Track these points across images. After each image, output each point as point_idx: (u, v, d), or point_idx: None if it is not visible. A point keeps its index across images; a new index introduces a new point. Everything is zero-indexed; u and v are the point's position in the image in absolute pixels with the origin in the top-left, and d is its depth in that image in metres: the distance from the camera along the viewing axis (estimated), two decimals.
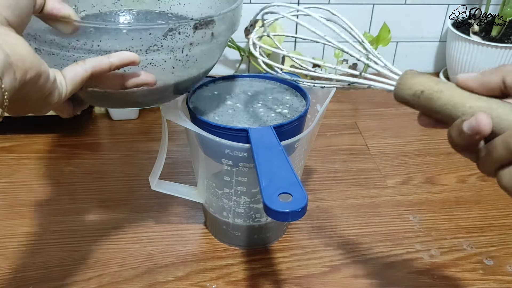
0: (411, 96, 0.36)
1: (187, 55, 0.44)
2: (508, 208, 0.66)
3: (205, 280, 0.54)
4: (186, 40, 0.42)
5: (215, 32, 0.45)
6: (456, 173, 0.72)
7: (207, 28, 0.44)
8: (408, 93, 0.36)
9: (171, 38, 0.41)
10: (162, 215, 0.63)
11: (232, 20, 0.49)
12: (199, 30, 0.43)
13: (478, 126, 0.32)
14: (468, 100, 0.34)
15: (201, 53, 0.45)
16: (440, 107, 0.35)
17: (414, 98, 0.36)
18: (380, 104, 0.91)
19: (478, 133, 0.32)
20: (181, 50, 0.43)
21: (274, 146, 0.45)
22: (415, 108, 0.37)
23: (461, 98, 0.34)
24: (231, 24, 0.49)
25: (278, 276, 0.55)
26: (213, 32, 0.45)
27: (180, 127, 0.50)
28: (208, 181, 0.54)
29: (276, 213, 0.38)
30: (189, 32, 0.42)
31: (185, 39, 0.42)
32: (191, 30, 0.42)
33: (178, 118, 0.50)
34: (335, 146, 0.79)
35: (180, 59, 0.44)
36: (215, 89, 0.56)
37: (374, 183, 0.70)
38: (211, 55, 0.49)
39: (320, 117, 0.53)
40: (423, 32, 1.00)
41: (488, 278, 0.55)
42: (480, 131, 0.32)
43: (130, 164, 0.72)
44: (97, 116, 0.84)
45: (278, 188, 0.39)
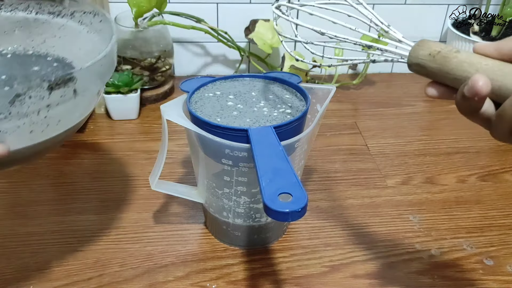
0: (427, 56, 0.36)
1: (45, 117, 0.39)
2: (508, 208, 0.66)
3: (205, 280, 0.54)
4: (41, 103, 0.38)
5: (79, 88, 0.40)
6: (456, 173, 0.73)
7: (67, 87, 0.39)
8: (424, 54, 0.37)
9: (20, 104, 0.36)
10: (162, 215, 0.63)
11: (101, 70, 0.44)
12: (56, 90, 0.38)
13: (475, 87, 0.32)
14: (483, 60, 0.34)
15: (65, 112, 0.41)
16: (456, 65, 0.35)
17: (430, 58, 0.36)
18: (380, 104, 0.91)
19: (476, 95, 0.32)
20: (36, 113, 0.38)
21: (274, 146, 0.45)
22: (427, 71, 0.37)
23: (478, 58, 0.34)
24: (102, 74, 0.44)
25: (278, 276, 0.55)
26: (76, 88, 0.40)
27: (180, 127, 0.50)
28: (208, 181, 0.54)
29: (276, 213, 0.38)
30: (43, 94, 0.37)
31: (40, 102, 0.37)
32: (46, 91, 0.37)
33: (178, 118, 0.50)
34: (335, 146, 0.79)
35: (38, 122, 0.39)
36: (215, 89, 0.56)
37: (374, 183, 0.70)
38: (81, 109, 0.44)
39: (320, 117, 0.53)
40: (423, 32, 1.00)
41: (488, 278, 0.55)
42: (476, 92, 0.32)
43: (130, 164, 0.72)
44: (97, 116, 0.84)
45: (278, 188, 0.39)
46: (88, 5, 0.52)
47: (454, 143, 0.80)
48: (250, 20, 0.93)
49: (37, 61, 0.53)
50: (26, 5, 0.53)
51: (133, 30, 0.83)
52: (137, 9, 0.79)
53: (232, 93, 0.55)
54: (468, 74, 0.34)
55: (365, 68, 0.94)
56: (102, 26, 0.50)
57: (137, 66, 0.85)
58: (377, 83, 0.99)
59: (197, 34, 0.88)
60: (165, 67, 0.88)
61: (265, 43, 0.89)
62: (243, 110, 0.52)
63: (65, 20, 0.53)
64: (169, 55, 0.88)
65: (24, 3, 0.53)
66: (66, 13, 0.53)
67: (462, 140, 0.81)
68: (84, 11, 0.52)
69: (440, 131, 0.84)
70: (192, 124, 0.49)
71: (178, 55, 0.97)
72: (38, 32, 0.54)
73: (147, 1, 0.79)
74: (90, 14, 0.52)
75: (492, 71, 0.34)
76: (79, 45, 0.53)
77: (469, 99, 0.33)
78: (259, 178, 0.41)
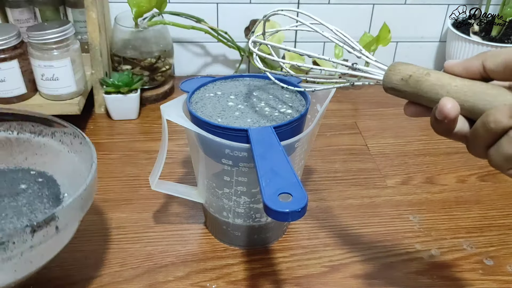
0: (399, 80, 0.37)
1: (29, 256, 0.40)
2: (507, 208, 0.66)
3: (205, 280, 0.54)
4: (24, 245, 0.39)
5: (61, 225, 0.42)
6: (456, 173, 0.73)
7: (49, 226, 0.40)
8: (397, 78, 0.37)
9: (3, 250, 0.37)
10: (162, 215, 0.63)
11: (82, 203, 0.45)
12: (39, 231, 0.39)
13: (443, 111, 0.33)
14: (453, 81, 0.35)
15: (47, 247, 0.42)
16: (428, 88, 0.36)
17: (403, 82, 0.37)
18: (380, 104, 0.91)
19: (445, 118, 0.33)
20: (19, 256, 0.39)
21: (274, 146, 0.45)
22: (403, 94, 0.38)
23: (448, 79, 0.35)
24: (82, 206, 0.45)
25: (278, 276, 0.55)
26: (58, 225, 0.41)
27: (180, 127, 0.50)
28: (208, 181, 0.54)
29: (276, 213, 0.38)
30: (27, 237, 0.39)
31: (23, 245, 0.39)
32: (29, 235, 0.39)
33: (178, 118, 0.50)
34: (335, 146, 0.79)
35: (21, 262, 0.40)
36: (215, 90, 0.56)
37: (374, 183, 0.70)
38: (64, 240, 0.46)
39: (320, 117, 0.53)
40: (423, 32, 1.00)
41: (488, 278, 0.55)
42: (445, 116, 0.33)
43: (130, 164, 0.72)
44: (97, 116, 0.84)
45: (278, 188, 0.39)
46: (69, 126, 0.53)
47: (454, 143, 0.80)
48: (250, 20, 0.93)
49: (23, 176, 0.55)
50: (8, 125, 0.55)
51: (133, 30, 0.83)
52: (137, 9, 0.79)
53: (233, 93, 0.55)
54: (440, 96, 0.35)
55: None
56: (82, 148, 0.52)
57: (137, 66, 0.85)
58: None
59: (197, 34, 0.88)
60: (165, 67, 0.88)
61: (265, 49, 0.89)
62: (243, 110, 0.52)
63: (46, 139, 0.55)
64: (169, 55, 0.88)
65: (6, 123, 0.55)
66: (47, 133, 0.55)
67: None
68: (64, 132, 0.54)
69: None
70: (192, 124, 0.49)
71: (178, 55, 0.97)
72: (19, 151, 0.56)
73: (147, 1, 0.79)
74: (71, 135, 0.53)
75: (462, 92, 0.34)
76: (60, 163, 0.55)
77: (441, 122, 0.34)
78: (259, 178, 0.41)
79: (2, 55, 0.71)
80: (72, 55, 0.74)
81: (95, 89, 0.83)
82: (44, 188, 0.55)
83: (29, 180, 0.55)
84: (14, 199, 0.53)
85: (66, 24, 0.73)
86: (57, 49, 0.72)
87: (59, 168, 0.56)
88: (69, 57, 0.74)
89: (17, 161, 0.57)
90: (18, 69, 0.73)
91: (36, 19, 0.86)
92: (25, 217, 0.51)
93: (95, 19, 0.78)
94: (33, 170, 0.56)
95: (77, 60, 0.76)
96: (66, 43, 0.73)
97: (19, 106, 0.75)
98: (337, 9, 0.95)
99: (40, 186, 0.55)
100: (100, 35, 0.79)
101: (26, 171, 0.57)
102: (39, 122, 0.55)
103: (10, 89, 0.74)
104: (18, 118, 0.55)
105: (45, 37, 0.71)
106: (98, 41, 0.79)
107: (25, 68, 0.74)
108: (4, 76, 0.72)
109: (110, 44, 0.86)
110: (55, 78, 0.74)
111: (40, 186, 0.55)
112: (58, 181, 0.55)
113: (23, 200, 0.53)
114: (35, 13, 0.86)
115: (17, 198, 0.53)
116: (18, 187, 0.55)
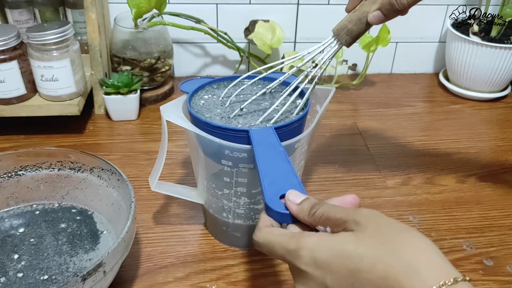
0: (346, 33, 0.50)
1: None
2: (508, 208, 0.66)
3: (205, 281, 0.54)
4: None
5: (107, 268, 0.44)
6: (456, 174, 0.72)
7: (97, 272, 0.43)
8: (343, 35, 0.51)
9: None
10: (162, 216, 0.63)
11: (125, 244, 0.47)
12: (89, 278, 0.42)
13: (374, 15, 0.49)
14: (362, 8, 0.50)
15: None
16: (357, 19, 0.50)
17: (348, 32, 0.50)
18: (380, 104, 0.91)
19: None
20: None
21: (275, 147, 0.45)
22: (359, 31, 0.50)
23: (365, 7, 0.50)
24: (125, 247, 0.48)
25: (278, 276, 0.55)
26: (105, 270, 0.44)
27: (180, 128, 0.50)
28: (208, 182, 0.54)
29: (277, 214, 0.38)
30: (78, 286, 0.41)
31: None
32: (80, 284, 0.41)
33: (178, 119, 0.50)
34: (335, 146, 0.79)
35: None
36: (214, 90, 0.56)
37: (374, 183, 0.70)
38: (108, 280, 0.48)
39: (320, 117, 0.53)
40: (422, 32, 1.00)
41: (488, 279, 0.55)
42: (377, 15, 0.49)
43: (130, 165, 0.72)
44: (97, 116, 0.84)
45: (280, 189, 0.39)
46: (106, 163, 0.55)
47: (454, 143, 0.80)
48: (250, 21, 0.93)
49: (63, 215, 0.59)
50: (49, 164, 0.59)
51: (132, 31, 0.83)
52: (136, 9, 0.79)
53: (232, 94, 0.55)
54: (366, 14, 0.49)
55: (365, 69, 0.94)
56: (120, 184, 0.55)
57: (137, 66, 0.85)
58: (377, 83, 0.99)
59: (196, 35, 0.88)
60: (164, 68, 0.88)
61: (265, 43, 0.89)
62: (243, 111, 0.52)
63: (85, 175, 0.59)
64: (168, 55, 0.88)
65: (46, 162, 0.59)
66: (85, 169, 0.58)
67: (462, 140, 0.81)
68: (102, 168, 0.57)
69: (440, 131, 0.84)
70: (192, 125, 0.49)
71: (178, 56, 0.97)
72: (61, 186, 0.60)
73: (146, 1, 0.79)
74: (108, 171, 0.56)
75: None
76: (100, 197, 0.58)
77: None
78: (260, 179, 0.41)
79: (1, 56, 0.71)
80: (71, 56, 0.74)
81: (94, 89, 0.83)
82: (82, 226, 0.58)
83: (68, 219, 0.59)
84: (55, 238, 0.56)
85: (66, 25, 0.73)
86: (57, 50, 0.72)
87: (99, 202, 0.59)
88: (69, 57, 0.74)
89: (60, 195, 0.60)
90: (17, 70, 0.73)
91: (36, 20, 0.86)
92: (67, 255, 0.54)
93: (94, 19, 0.78)
94: (74, 208, 0.60)
95: (76, 60, 0.76)
96: (66, 43, 0.73)
97: (19, 107, 0.75)
98: (337, 9, 0.95)
99: (78, 224, 0.58)
100: (99, 36, 0.79)
101: (66, 209, 0.60)
102: (78, 159, 0.58)
103: (9, 90, 0.74)
104: (58, 156, 0.59)
105: (45, 38, 0.71)
106: (97, 42, 0.79)
107: (25, 69, 0.74)
108: (4, 77, 0.72)
109: (110, 45, 0.86)
110: (55, 79, 0.74)
111: (78, 224, 0.58)
112: (96, 217, 0.59)
113: (63, 238, 0.56)
114: (34, 14, 0.86)
115: (57, 237, 0.56)
116: (59, 226, 0.58)
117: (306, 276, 0.34)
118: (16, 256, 0.53)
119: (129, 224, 0.47)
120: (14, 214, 0.59)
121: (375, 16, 0.48)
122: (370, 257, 0.31)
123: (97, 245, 0.55)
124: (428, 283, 0.29)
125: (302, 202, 0.37)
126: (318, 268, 0.33)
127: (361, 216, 0.33)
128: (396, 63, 1.03)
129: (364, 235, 0.32)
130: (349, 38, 0.51)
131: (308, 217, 0.36)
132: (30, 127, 0.79)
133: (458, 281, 0.29)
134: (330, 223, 0.35)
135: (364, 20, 0.49)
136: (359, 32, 0.50)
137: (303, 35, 0.97)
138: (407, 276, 0.29)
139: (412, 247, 0.31)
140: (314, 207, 0.36)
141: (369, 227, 0.33)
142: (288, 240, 0.35)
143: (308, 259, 0.34)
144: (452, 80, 0.96)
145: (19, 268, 0.52)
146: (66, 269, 0.52)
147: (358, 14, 0.50)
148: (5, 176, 0.58)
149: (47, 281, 0.50)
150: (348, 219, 0.34)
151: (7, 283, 0.50)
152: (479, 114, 0.90)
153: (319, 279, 0.33)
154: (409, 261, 0.30)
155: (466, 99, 0.94)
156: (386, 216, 0.34)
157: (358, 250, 0.32)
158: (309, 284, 0.34)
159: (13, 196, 0.59)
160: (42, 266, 0.52)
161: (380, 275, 0.30)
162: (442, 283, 0.29)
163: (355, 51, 0.94)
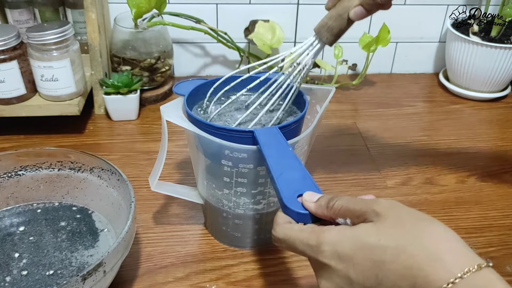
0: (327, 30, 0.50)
1: None
2: (507, 208, 0.66)
3: (205, 281, 0.54)
4: None
5: (108, 268, 0.45)
6: (456, 174, 0.72)
7: (97, 272, 0.43)
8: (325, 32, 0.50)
9: None
10: (162, 216, 0.63)
11: (125, 244, 0.47)
12: (89, 278, 0.43)
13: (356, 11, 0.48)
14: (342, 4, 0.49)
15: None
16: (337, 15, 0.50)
17: (329, 29, 0.50)
18: (380, 104, 0.91)
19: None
20: None
21: (283, 147, 0.45)
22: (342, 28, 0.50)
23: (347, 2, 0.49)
24: (125, 246, 0.48)
25: (278, 276, 0.55)
26: (105, 269, 0.44)
27: (180, 128, 0.50)
28: (208, 182, 0.54)
29: (296, 214, 0.38)
30: (78, 285, 0.42)
31: None
32: (80, 283, 0.42)
33: (178, 119, 0.50)
34: (335, 146, 0.79)
35: None
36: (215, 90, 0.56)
37: (374, 183, 0.70)
38: (107, 280, 0.48)
39: (320, 117, 0.53)
40: (422, 32, 1.00)
41: None
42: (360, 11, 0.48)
43: (130, 165, 0.72)
44: (97, 116, 0.84)
45: (297, 190, 0.39)
46: (106, 163, 0.56)
47: (454, 144, 0.80)
48: (250, 21, 0.93)
49: (64, 214, 0.59)
50: (49, 164, 0.59)
51: (132, 31, 0.83)
52: (136, 9, 0.79)
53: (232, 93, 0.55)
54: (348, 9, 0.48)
55: (365, 69, 0.94)
56: (120, 184, 0.55)
57: (137, 66, 0.85)
58: (377, 83, 0.99)
59: (196, 35, 0.88)
60: (164, 68, 0.88)
61: (265, 43, 0.89)
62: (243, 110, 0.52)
63: (85, 175, 0.59)
64: (168, 55, 0.88)
65: (46, 162, 0.59)
66: (85, 169, 0.59)
67: (462, 140, 0.81)
68: (102, 168, 0.57)
69: (440, 131, 0.84)
70: (192, 125, 0.49)
71: (178, 56, 0.97)
72: (61, 186, 0.60)
73: (146, 1, 0.79)
74: (108, 171, 0.56)
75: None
76: (100, 197, 0.58)
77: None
78: (274, 180, 0.41)
79: (1, 56, 0.71)
80: (71, 56, 0.74)
81: (94, 89, 0.83)
82: (82, 224, 0.58)
83: (68, 217, 0.59)
84: (54, 235, 0.57)
85: (66, 25, 0.73)
86: (57, 50, 0.72)
87: (99, 202, 0.59)
88: (69, 57, 0.74)
89: (60, 195, 0.61)
90: (17, 70, 0.73)
91: (36, 20, 0.86)
92: (67, 251, 0.54)
93: (94, 19, 0.78)
94: (74, 206, 0.60)
95: (76, 60, 0.76)
96: (66, 43, 0.73)
97: (19, 107, 0.75)
98: None
99: (78, 222, 0.58)
100: (99, 36, 0.79)
101: (67, 207, 0.60)
102: (78, 159, 0.59)
103: (9, 90, 0.74)
104: (58, 156, 0.59)
105: (45, 38, 0.71)
106: (97, 42, 0.79)
107: (25, 69, 0.74)
108: (4, 77, 0.72)
109: (110, 45, 0.86)
110: (55, 79, 0.74)
111: (78, 222, 0.58)
112: (96, 216, 0.59)
113: (63, 236, 0.56)
114: (34, 14, 0.86)
115: (57, 235, 0.57)
116: (58, 224, 0.58)
117: (329, 270, 0.34)
118: (16, 254, 0.54)
119: (129, 224, 0.47)
120: (15, 213, 0.59)
121: (357, 12, 0.47)
122: (393, 247, 0.31)
123: (96, 243, 0.55)
124: (453, 271, 0.29)
125: (319, 199, 0.37)
126: (341, 262, 0.33)
127: (381, 207, 0.34)
128: (396, 63, 1.03)
129: (385, 226, 0.33)
130: (330, 36, 0.50)
131: (327, 210, 0.36)
132: (30, 127, 0.79)
133: (482, 268, 0.29)
134: (350, 215, 0.35)
135: (345, 15, 0.48)
136: (340, 28, 0.49)
137: (303, 35, 0.97)
138: (431, 265, 0.30)
139: (434, 236, 0.31)
140: (331, 200, 0.36)
141: (389, 217, 0.33)
142: (309, 235, 0.35)
143: (331, 253, 0.34)
144: (452, 80, 0.96)
145: (22, 266, 0.52)
146: (69, 264, 0.52)
147: (337, 10, 0.49)
148: (5, 176, 0.58)
149: (54, 276, 0.51)
150: (367, 209, 0.34)
151: (14, 282, 0.50)
152: (479, 114, 0.90)
153: (342, 272, 0.33)
154: (432, 250, 0.30)
155: (466, 99, 0.94)
156: (405, 206, 0.34)
157: (380, 242, 0.32)
158: (332, 278, 0.34)
159: (13, 196, 0.59)
160: (44, 262, 0.53)
161: (404, 265, 0.31)
162: (466, 270, 0.29)
163: (355, 51, 0.94)
